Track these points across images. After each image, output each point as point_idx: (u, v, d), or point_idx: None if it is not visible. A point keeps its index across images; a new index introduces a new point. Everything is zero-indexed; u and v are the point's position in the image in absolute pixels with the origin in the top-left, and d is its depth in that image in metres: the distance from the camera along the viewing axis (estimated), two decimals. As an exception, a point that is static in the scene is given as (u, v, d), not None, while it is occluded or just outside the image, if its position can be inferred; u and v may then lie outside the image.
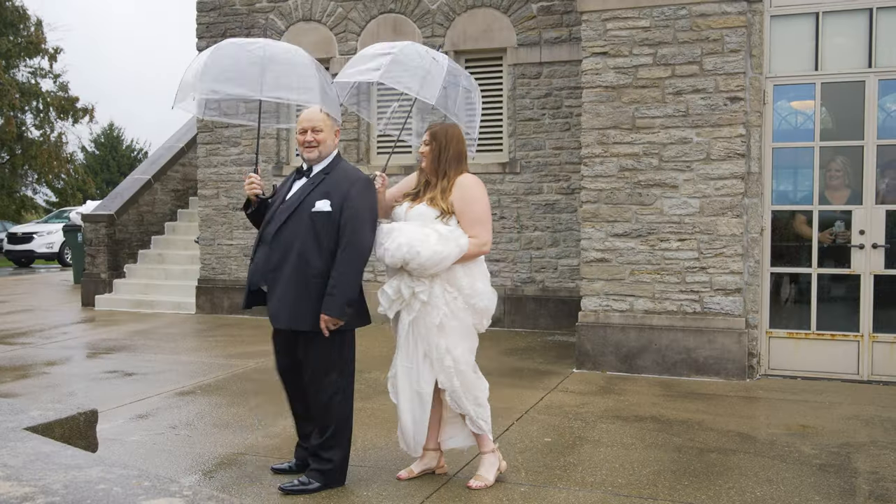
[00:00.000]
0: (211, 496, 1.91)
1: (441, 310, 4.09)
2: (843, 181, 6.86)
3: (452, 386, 4.14)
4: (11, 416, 2.75)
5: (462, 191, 4.16)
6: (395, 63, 4.20)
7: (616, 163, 7.12)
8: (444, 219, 4.12)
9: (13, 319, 10.93)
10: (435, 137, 4.24)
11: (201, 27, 11.32)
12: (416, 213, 4.18)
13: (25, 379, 7.03)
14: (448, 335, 4.12)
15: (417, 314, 4.13)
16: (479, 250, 4.14)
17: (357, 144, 10.41)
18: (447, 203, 4.14)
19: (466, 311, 4.15)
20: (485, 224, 4.16)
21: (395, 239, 4.03)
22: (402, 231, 4.07)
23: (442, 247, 4.01)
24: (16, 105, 27.01)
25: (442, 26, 9.96)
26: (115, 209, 12.77)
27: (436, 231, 4.05)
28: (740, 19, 6.76)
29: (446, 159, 4.20)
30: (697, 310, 6.91)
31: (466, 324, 4.17)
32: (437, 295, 4.09)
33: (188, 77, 4.26)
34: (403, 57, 4.24)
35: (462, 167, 4.25)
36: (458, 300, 4.12)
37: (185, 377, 7.05)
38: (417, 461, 4.38)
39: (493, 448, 4.28)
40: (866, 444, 5.02)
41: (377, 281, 10.24)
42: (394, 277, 4.18)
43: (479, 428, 4.22)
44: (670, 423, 5.46)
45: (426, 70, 4.19)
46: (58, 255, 22.74)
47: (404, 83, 4.18)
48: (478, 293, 4.16)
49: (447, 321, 4.11)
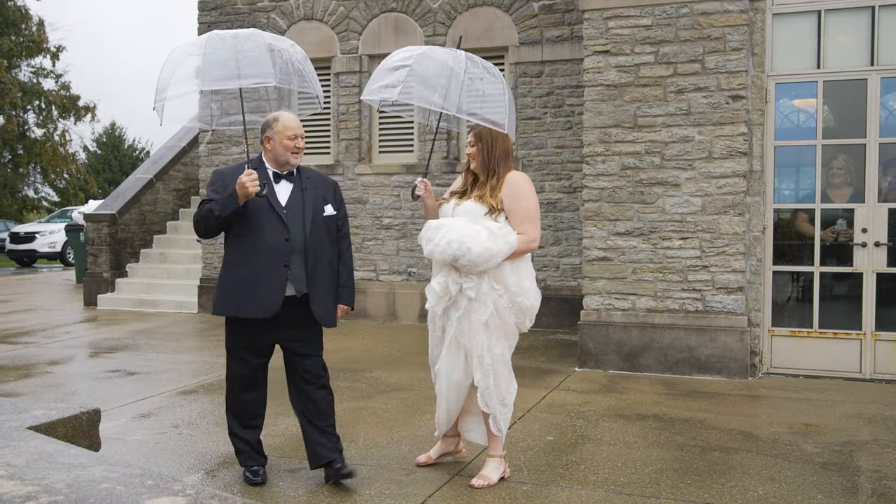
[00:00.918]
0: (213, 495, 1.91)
1: (488, 307, 4.10)
2: (845, 179, 6.86)
3: (487, 384, 4.15)
4: (15, 416, 2.75)
5: (512, 187, 4.17)
6: (412, 75, 4.18)
7: (618, 161, 7.12)
8: (493, 216, 4.13)
9: (16, 319, 10.95)
10: (480, 138, 4.24)
11: (203, 27, 11.32)
12: (465, 210, 4.18)
13: (28, 378, 7.04)
14: (491, 333, 4.14)
15: (463, 311, 4.13)
16: (528, 247, 4.15)
17: (359, 143, 10.41)
18: (497, 200, 4.14)
19: (510, 310, 4.16)
20: (534, 221, 4.17)
21: (444, 235, 4.02)
22: (452, 227, 4.06)
23: (492, 243, 4.01)
24: (18, 104, 27.05)
25: (443, 25, 9.96)
26: (117, 208, 12.78)
27: (486, 228, 4.06)
28: (742, 17, 6.76)
29: (495, 157, 4.21)
30: (700, 308, 6.91)
31: (509, 323, 4.19)
32: (485, 292, 4.09)
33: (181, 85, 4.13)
34: (420, 68, 4.20)
35: (510, 164, 4.26)
36: (503, 298, 4.13)
37: (187, 376, 7.05)
38: (436, 446, 4.49)
39: (501, 454, 4.29)
40: (869, 442, 5.02)
41: (378, 280, 10.25)
42: (440, 273, 4.16)
43: (498, 430, 4.24)
44: (672, 422, 5.46)
45: (447, 78, 4.14)
46: (60, 254, 22.77)
47: (425, 98, 4.17)
48: (524, 291, 4.17)
49: (492, 319, 4.12)
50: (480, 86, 4.23)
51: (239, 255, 4.16)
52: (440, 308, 4.18)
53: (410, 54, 4.27)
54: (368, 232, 10.31)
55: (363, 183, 10.36)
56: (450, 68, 4.18)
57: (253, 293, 4.10)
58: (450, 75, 4.16)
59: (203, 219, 4.14)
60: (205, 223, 4.15)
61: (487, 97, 4.21)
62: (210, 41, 4.10)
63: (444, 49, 4.39)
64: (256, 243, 4.10)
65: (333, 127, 10.54)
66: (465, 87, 4.15)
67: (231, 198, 4.04)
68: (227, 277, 4.20)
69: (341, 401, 6.05)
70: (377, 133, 10.48)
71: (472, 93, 4.19)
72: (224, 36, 4.15)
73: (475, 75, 4.23)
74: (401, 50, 4.38)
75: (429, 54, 4.28)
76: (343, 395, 6.24)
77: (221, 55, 4.04)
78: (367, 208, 10.34)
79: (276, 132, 4.17)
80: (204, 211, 4.13)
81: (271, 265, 4.09)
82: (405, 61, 4.23)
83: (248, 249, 4.12)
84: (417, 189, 4.31)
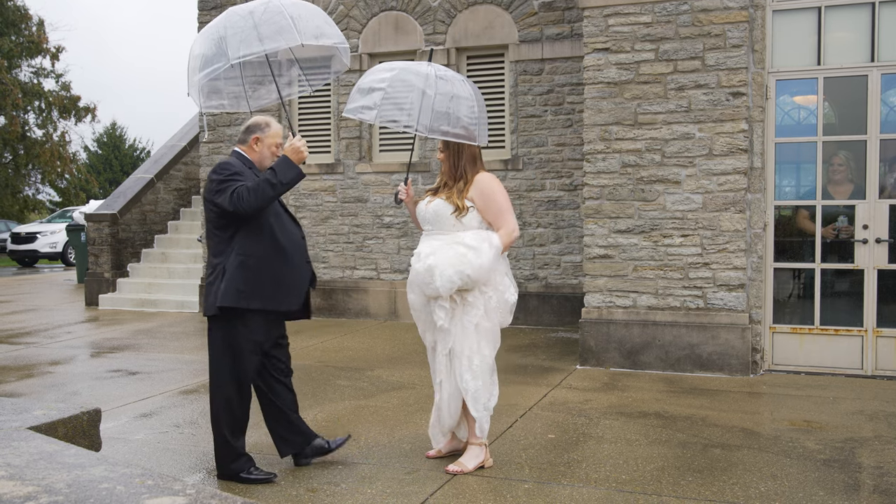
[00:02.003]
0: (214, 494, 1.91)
1: (479, 310, 4.31)
2: (846, 176, 6.85)
3: (476, 386, 4.31)
4: (15, 416, 2.75)
5: (481, 187, 4.39)
6: (386, 99, 4.46)
7: (618, 159, 7.11)
8: (458, 215, 4.31)
9: (17, 319, 10.95)
10: (448, 145, 4.47)
11: (203, 26, 11.32)
12: (433, 209, 4.40)
13: (29, 378, 7.04)
14: (481, 336, 4.33)
15: (455, 316, 4.31)
16: (511, 238, 4.37)
17: (359, 142, 10.41)
18: (462, 200, 4.35)
19: (496, 311, 4.36)
20: (509, 212, 4.39)
21: (441, 274, 4.20)
22: (443, 263, 4.21)
23: (481, 258, 4.22)
24: (18, 105, 27.06)
25: (443, 23, 9.95)
26: (118, 208, 12.79)
27: (464, 245, 4.26)
28: (742, 14, 6.75)
29: (462, 163, 4.45)
30: (701, 305, 6.90)
31: (495, 323, 4.39)
32: (477, 296, 4.30)
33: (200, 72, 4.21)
34: (394, 91, 4.47)
35: (478, 168, 4.48)
36: (492, 300, 4.34)
37: (188, 376, 7.06)
38: (447, 442, 4.60)
39: (482, 443, 4.42)
40: (870, 438, 5.02)
41: (379, 279, 10.25)
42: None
43: (482, 431, 4.39)
44: (674, 419, 5.45)
45: (418, 101, 4.39)
46: (61, 254, 22.79)
47: (399, 122, 4.48)
48: (507, 287, 4.40)
49: (482, 322, 4.32)
50: (450, 104, 4.42)
51: (266, 250, 4.18)
52: (448, 322, 4.31)
53: (385, 76, 4.51)
54: (369, 230, 10.31)
55: (364, 181, 10.36)
56: (421, 91, 4.42)
57: (287, 286, 4.24)
58: (421, 98, 4.41)
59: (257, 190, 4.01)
60: (262, 194, 4.02)
61: (459, 111, 4.43)
62: (229, 18, 4.18)
63: (416, 69, 4.55)
64: (282, 239, 4.23)
65: (334, 126, 10.54)
66: (437, 106, 4.39)
67: (285, 164, 4.08)
68: (257, 271, 4.15)
69: (343, 399, 6.06)
70: (377, 132, 10.47)
71: (443, 111, 4.41)
72: (241, 11, 4.20)
73: (446, 93, 4.43)
74: (376, 69, 4.62)
75: (402, 77, 4.51)
76: (344, 393, 6.24)
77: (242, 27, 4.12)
78: (367, 207, 10.34)
79: (267, 136, 4.33)
80: (255, 184, 4.03)
81: (299, 260, 4.31)
82: (380, 83, 4.48)
83: (276, 245, 4.21)
84: (400, 194, 4.61)
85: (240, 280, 4.12)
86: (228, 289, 4.11)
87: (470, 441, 4.42)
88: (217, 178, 4.12)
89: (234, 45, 4.05)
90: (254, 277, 4.14)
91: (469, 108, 4.43)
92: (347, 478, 4.29)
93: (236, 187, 4.04)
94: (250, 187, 4.04)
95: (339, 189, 10.42)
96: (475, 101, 4.49)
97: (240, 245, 4.16)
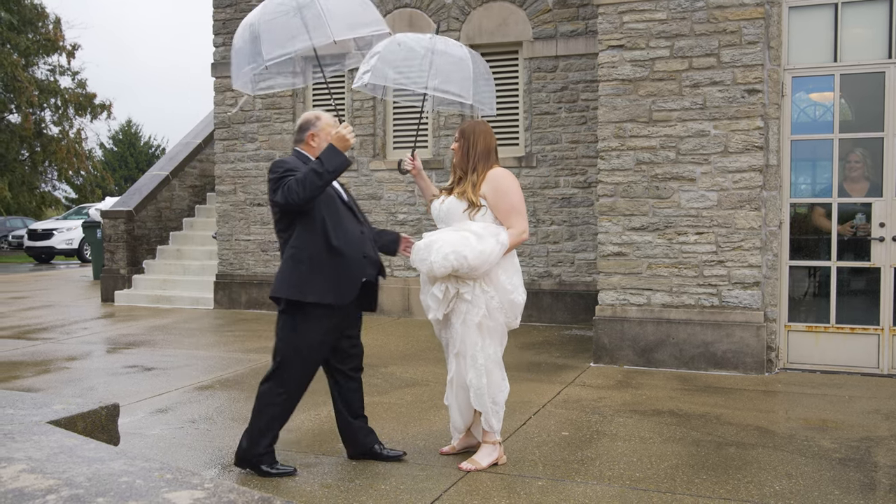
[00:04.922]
0: (232, 489, 1.93)
1: (481, 309, 4.24)
2: (862, 173, 6.80)
3: (480, 384, 4.28)
4: (35, 410, 2.78)
5: (493, 183, 4.30)
6: (381, 61, 4.49)
7: (633, 156, 7.10)
8: (471, 211, 4.25)
9: (34, 315, 11.05)
10: (463, 135, 4.41)
11: (217, 24, 11.37)
12: (447, 207, 4.35)
13: (47, 374, 7.11)
14: (484, 334, 4.28)
15: (458, 314, 4.28)
16: (519, 239, 4.29)
17: (373, 139, 10.42)
18: (475, 196, 4.27)
19: (501, 310, 4.30)
20: (521, 213, 4.32)
21: (438, 251, 4.13)
22: (443, 241, 4.17)
23: (483, 245, 4.14)
24: (34, 102, 27.27)
25: (457, 20, 9.95)
26: (133, 205, 12.87)
27: (470, 232, 4.19)
28: (758, 11, 6.71)
29: (475, 155, 4.36)
30: (715, 303, 6.88)
31: (500, 323, 4.33)
32: (478, 294, 4.24)
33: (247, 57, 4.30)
34: (389, 54, 4.50)
35: (491, 161, 4.39)
36: (494, 299, 4.27)
37: (203, 372, 7.10)
38: (461, 439, 4.58)
39: (496, 440, 4.40)
40: (887, 437, 4.99)
41: (393, 276, 10.26)
42: (438, 282, 4.29)
43: (489, 426, 4.36)
44: (688, 417, 5.44)
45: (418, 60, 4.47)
46: (77, 251, 22.96)
47: (392, 78, 4.52)
48: (515, 287, 4.32)
49: (485, 320, 4.26)
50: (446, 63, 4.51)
51: (316, 243, 4.20)
52: (441, 314, 4.30)
53: (383, 42, 4.58)
54: (383, 227, 10.33)
55: (377, 179, 10.38)
56: (410, 48, 4.52)
57: (335, 279, 4.22)
58: (413, 56, 4.49)
59: (304, 181, 4.02)
60: (310, 183, 4.02)
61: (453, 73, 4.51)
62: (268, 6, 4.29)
63: (413, 35, 4.73)
64: (334, 233, 4.22)
65: (348, 123, 10.55)
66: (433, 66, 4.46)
67: (331, 152, 4.09)
68: (306, 263, 4.18)
69: (357, 396, 6.08)
70: (391, 129, 10.48)
71: (439, 71, 4.47)
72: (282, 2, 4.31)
73: (439, 51, 4.50)
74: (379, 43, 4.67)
75: (398, 39, 4.61)
76: (358, 390, 6.26)
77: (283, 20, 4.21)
78: (381, 204, 10.35)
79: (320, 129, 4.34)
80: (303, 175, 4.04)
81: (353, 254, 4.27)
82: (378, 48, 4.56)
83: (326, 238, 4.20)
84: (405, 164, 4.55)
85: (289, 272, 4.21)
86: (280, 280, 4.24)
87: (483, 439, 4.42)
88: (273, 178, 4.18)
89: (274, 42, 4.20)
90: (305, 270, 4.19)
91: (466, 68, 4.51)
92: (361, 474, 4.31)
93: (287, 181, 4.09)
94: (298, 178, 4.05)
95: (353, 186, 10.44)
96: (470, 63, 4.55)
97: (294, 239, 4.25)
